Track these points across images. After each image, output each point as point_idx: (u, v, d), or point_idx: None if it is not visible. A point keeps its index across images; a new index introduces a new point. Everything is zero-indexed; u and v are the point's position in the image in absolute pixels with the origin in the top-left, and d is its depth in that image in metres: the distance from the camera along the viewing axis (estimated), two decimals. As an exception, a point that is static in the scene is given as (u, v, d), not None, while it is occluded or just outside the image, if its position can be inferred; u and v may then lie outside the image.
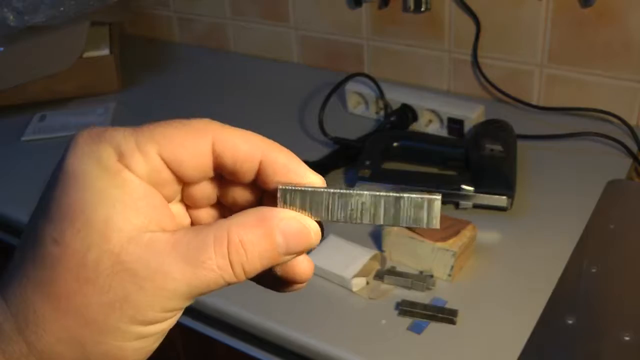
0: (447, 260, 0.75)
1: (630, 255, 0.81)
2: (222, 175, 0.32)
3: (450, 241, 0.75)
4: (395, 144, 0.96)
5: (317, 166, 0.93)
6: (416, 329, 0.69)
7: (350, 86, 1.12)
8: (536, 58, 1.08)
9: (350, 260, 0.76)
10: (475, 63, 1.13)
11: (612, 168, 0.94)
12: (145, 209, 0.29)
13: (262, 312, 0.74)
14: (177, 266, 0.28)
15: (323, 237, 0.32)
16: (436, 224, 0.31)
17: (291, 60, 1.36)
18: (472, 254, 0.79)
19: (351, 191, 0.30)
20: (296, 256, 0.31)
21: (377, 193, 0.30)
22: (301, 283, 0.33)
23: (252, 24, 1.38)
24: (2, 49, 1.17)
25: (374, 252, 0.78)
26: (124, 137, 0.29)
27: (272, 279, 0.33)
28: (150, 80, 1.34)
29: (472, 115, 1.01)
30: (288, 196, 0.30)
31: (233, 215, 0.30)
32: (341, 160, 0.98)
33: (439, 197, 0.31)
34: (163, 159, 0.30)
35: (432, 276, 0.75)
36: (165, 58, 1.45)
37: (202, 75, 1.35)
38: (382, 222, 0.30)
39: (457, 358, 0.67)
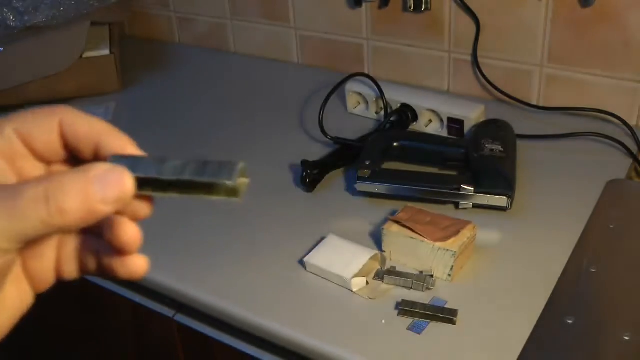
0: (447, 260, 0.75)
1: (630, 255, 0.81)
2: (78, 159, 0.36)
3: (450, 241, 0.75)
4: (395, 144, 0.96)
5: (317, 166, 0.93)
6: (416, 329, 0.69)
7: (350, 86, 1.12)
8: (536, 58, 1.09)
9: (350, 260, 0.76)
10: (475, 63, 1.13)
11: (612, 168, 0.94)
12: None
13: (262, 312, 0.74)
14: None
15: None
16: (235, 183, 0.33)
17: (291, 60, 1.36)
18: (472, 254, 0.79)
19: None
20: (114, 207, 0.32)
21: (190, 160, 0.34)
22: (131, 253, 0.36)
23: (252, 24, 1.38)
24: (2, 49, 1.17)
25: (374, 252, 0.78)
26: None
27: (104, 254, 0.37)
28: (150, 80, 1.34)
29: (472, 115, 1.01)
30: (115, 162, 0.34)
31: None
32: (341, 160, 0.98)
33: (242, 163, 0.34)
34: (18, 135, 0.35)
35: (432, 276, 0.75)
36: (165, 58, 1.45)
37: (202, 75, 1.35)
38: (186, 176, 0.34)
39: (457, 358, 0.67)
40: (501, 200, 0.85)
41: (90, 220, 0.32)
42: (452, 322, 0.70)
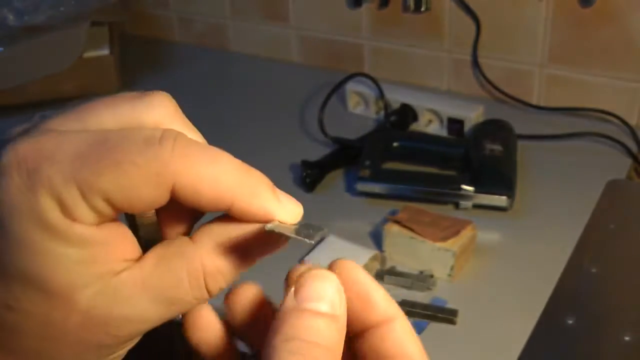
0: (447, 260, 0.75)
1: (630, 255, 0.81)
2: None
3: (450, 241, 0.75)
4: (395, 144, 0.96)
5: (317, 166, 0.93)
6: (416, 329, 0.69)
7: (350, 86, 1.12)
8: (536, 58, 1.08)
9: (350, 260, 0.76)
10: (475, 63, 1.13)
11: (612, 168, 0.94)
12: (104, 255, 0.26)
13: (262, 312, 0.74)
14: (151, 308, 0.27)
15: None
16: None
17: (291, 60, 1.36)
18: (472, 254, 0.79)
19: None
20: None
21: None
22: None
23: (252, 24, 1.38)
24: (2, 49, 1.17)
25: (374, 252, 0.78)
26: (64, 183, 0.24)
27: None
28: (150, 80, 1.34)
29: (472, 115, 1.01)
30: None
31: (200, 238, 0.28)
32: (341, 160, 0.98)
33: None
34: (111, 205, 0.25)
35: (432, 276, 0.75)
36: (165, 58, 1.45)
37: (202, 75, 1.35)
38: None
39: (457, 358, 0.67)
40: (501, 200, 0.85)
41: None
42: (452, 322, 0.70)
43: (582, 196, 0.88)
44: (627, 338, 0.69)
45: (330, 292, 0.27)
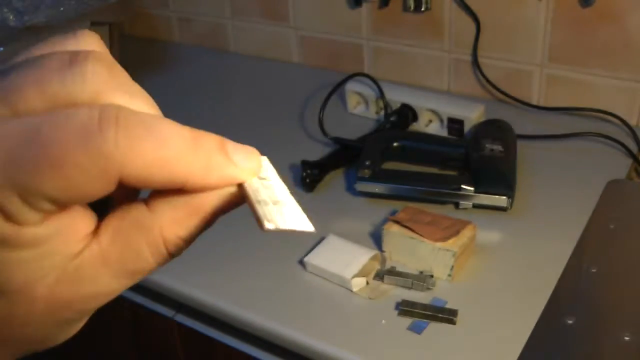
0: (447, 260, 0.75)
1: (630, 255, 0.81)
2: None
3: (450, 241, 0.75)
4: (395, 144, 0.96)
5: (317, 166, 0.93)
6: (416, 329, 0.69)
7: (350, 86, 1.12)
8: (536, 58, 1.08)
9: (350, 260, 0.76)
10: (475, 63, 1.13)
11: (612, 168, 0.94)
12: (60, 244, 0.25)
13: (262, 312, 0.74)
14: (114, 282, 0.26)
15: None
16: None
17: (291, 60, 1.36)
18: (472, 254, 0.79)
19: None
20: (245, 173, 0.28)
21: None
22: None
23: (252, 24, 1.38)
24: (2, 49, 1.17)
25: (374, 252, 0.78)
26: (0, 191, 0.23)
27: None
28: (150, 80, 1.34)
29: (472, 115, 1.01)
30: None
31: (158, 207, 0.26)
32: (341, 160, 0.98)
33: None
34: (56, 204, 0.24)
35: (432, 276, 0.75)
36: (165, 58, 1.45)
37: (202, 75, 1.35)
38: None
39: (457, 358, 0.67)
40: (501, 200, 0.85)
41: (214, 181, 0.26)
42: (452, 322, 0.70)
43: (582, 196, 0.88)
44: (627, 338, 0.69)
45: None
